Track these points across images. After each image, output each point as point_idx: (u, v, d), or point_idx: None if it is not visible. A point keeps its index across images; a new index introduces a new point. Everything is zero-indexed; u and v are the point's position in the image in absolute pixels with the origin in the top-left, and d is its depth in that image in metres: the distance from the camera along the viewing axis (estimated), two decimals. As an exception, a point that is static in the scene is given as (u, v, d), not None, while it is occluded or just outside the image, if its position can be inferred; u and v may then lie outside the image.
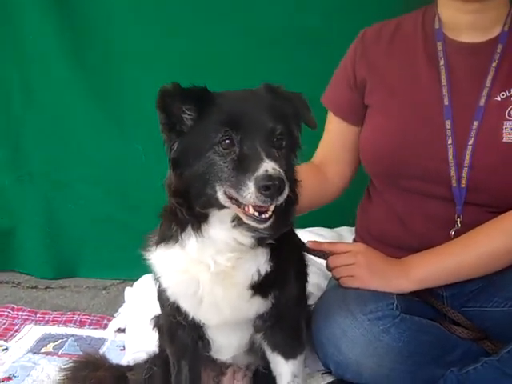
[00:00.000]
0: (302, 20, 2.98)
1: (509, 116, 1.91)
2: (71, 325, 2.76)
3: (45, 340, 2.61)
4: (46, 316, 2.86)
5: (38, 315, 2.87)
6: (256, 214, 1.46)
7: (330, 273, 2.05)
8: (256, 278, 1.64)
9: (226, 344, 1.86)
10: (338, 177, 2.30)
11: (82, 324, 2.78)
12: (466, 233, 1.95)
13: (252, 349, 1.88)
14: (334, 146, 2.28)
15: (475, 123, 1.93)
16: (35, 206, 3.41)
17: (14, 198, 3.43)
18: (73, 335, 2.65)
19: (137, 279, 2.85)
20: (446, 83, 1.98)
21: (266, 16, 3.03)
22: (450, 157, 1.94)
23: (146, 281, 2.69)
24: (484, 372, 1.85)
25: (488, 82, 1.94)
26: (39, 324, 2.78)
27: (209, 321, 1.75)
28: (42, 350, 2.52)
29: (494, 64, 1.95)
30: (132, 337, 2.47)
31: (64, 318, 2.82)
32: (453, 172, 1.94)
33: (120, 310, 2.84)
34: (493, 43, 1.97)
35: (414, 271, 1.94)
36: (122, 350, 2.50)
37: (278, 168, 1.42)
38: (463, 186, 1.94)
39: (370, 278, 1.92)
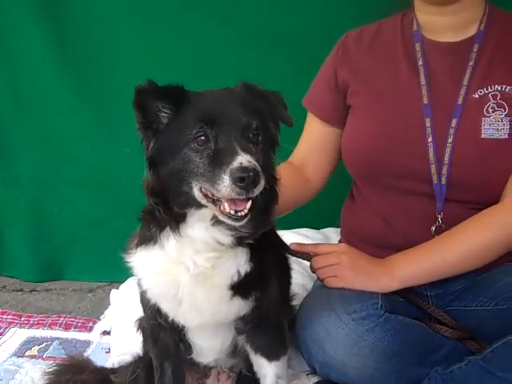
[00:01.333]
0: (300, 21, 2.98)
1: (487, 113, 1.94)
2: (56, 328, 2.74)
3: (29, 343, 2.58)
4: (31, 319, 2.83)
5: (22, 318, 2.84)
6: (232, 212, 1.47)
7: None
8: (236, 278, 1.64)
9: (208, 347, 1.86)
10: (317, 177, 2.31)
11: (67, 327, 2.75)
12: (446, 230, 1.96)
13: (235, 351, 1.88)
14: (313, 147, 2.30)
15: (454, 121, 1.95)
16: (21, 209, 3.39)
17: (1, 201, 3.41)
18: (58, 338, 2.63)
19: (123, 281, 2.83)
20: (424, 82, 2.01)
21: (262, 17, 3.02)
22: (431, 154, 1.96)
23: (132, 283, 2.66)
24: (468, 371, 1.85)
25: (465, 81, 1.97)
26: (24, 327, 2.75)
27: (189, 323, 1.75)
28: (27, 354, 2.50)
29: (471, 63, 1.98)
30: (117, 339, 2.46)
31: (49, 321, 2.80)
32: (433, 169, 1.96)
33: (106, 312, 2.82)
34: (469, 42, 2.00)
35: (397, 270, 1.94)
36: (107, 352, 2.48)
37: (252, 161, 1.43)
38: (443, 183, 1.97)
39: (353, 278, 1.92)
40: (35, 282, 3.39)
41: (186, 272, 1.63)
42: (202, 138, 1.50)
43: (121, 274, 2.63)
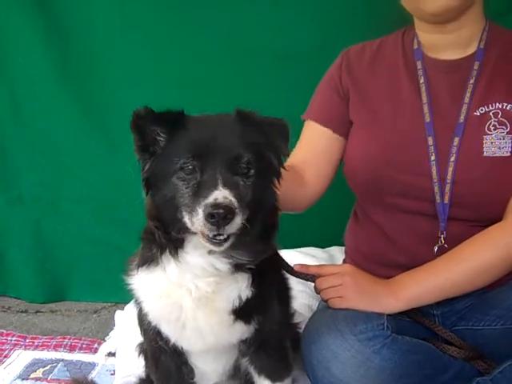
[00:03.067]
0: (300, 38, 2.99)
1: (488, 131, 1.93)
2: (61, 349, 2.73)
3: (34, 365, 2.58)
4: (36, 341, 2.82)
5: (27, 340, 2.84)
6: (210, 235, 1.45)
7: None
8: (237, 303, 1.64)
9: (210, 370, 1.85)
10: (316, 180, 2.22)
11: (72, 348, 2.74)
12: (449, 249, 1.94)
13: (237, 373, 1.87)
14: (313, 151, 2.23)
15: (456, 139, 1.95)
16: (25, 229, 3.39)
17: (3, 221, 3.40)
18: (63, 360, 2.62)
19: (128, 302, 2.81)
20: (426, 101, 2.01)
21: (262, 34, 3.04)
22: (434, 173, 1.96)
23: (136, 304, 2.66)
24: (477, 392, 1.83)
25: (466, 99, 1.97)
26: (29, 349, 2.75)
27: (191, 346, 1.74)
28: (31, 376, 2.49)
29: (471, 81, 1.97)
30: (122, 361, 2.44)
31: (54, 343, 2.79)
32: (436, 188, 1.95)
33: (111, 333, 2.81)
34: (470, 60, 2.00)
35: (402, 291, 1.92)
36: (112, 374, 2.47)
37: (230, 197, 1.42)
38: (446, 202, 1.95)
39: (358, 299, 1.90)
40: (40, 303, 3.37)
41: (189, 295, 1.62)
42: (190, 167, 1.50)
43: (126, 294, 2.63)
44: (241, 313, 1.65)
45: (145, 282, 1.68)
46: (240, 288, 1.63)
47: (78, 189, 3.32)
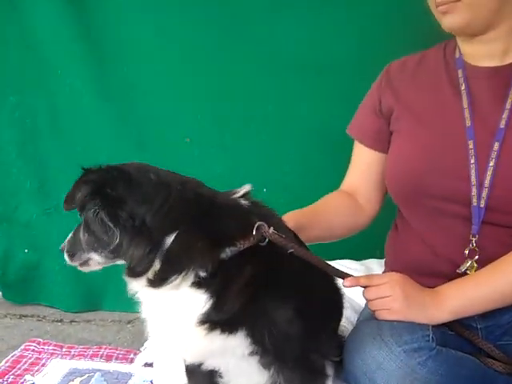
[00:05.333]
0: (338, 50, 3.01)
1: None
2: (97, 359, 2.74)
3: (71, 375, 2.58)
4: (72, 350, 2.84)
5: (63, 349, 2.85)
6: None
7: (358, 306, 2.02)
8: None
9: None
10: (369, 203, 2.31)
11: (108, 358, 2.76)
12: (480, 253, 1.93)
13: None
14: (361, 173, 2.30)
15: (496, 144, 1.92)
16: (61, 239, 3.38)
17: (40, 230, 3.45)
18: (99, 370, 2.62)
19: (162, 312, 2.82)
20: (467, 106, 1.99)
21: (299, 45, 3.07)
22: (473, 176, 1.94)
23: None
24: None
25: (508, 105, 1.95)
26: (65, 358, 2.76)
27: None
28: (69, 385, 2.50)
29: None
30: (160, 371, 2.44)
31: (90, 352, 2.81)
32: (474, 191, 1.93)
33: (146, 344, 2.81)
34: (510, 68, 1.98)
35: (448, 301, 1.89)
36: (149, 384, 2.48)
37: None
38: (482, 206, 1.93)
39: (406, 311, 1.87)
40: (74, 312, 3.40)
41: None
42: None
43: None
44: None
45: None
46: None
47: (114, 201, 3.34)
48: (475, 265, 1.95)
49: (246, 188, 1.75)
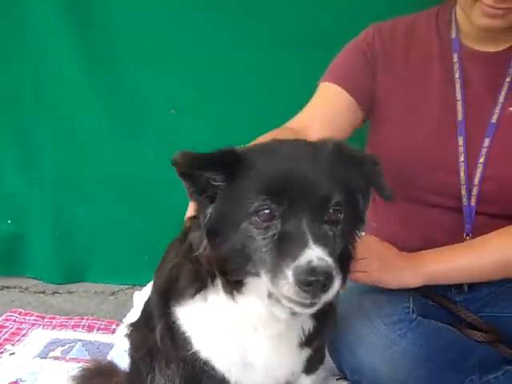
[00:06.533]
0: (314, 20, 2.96)
1: None
2: (79, 329, 2.73)
3: (52, 345, 2.57)
4: (54, 321, 2.82)
5: (45, 320, 2.83)
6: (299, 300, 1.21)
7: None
8: (303, 335, 1.48)
9: None
10: None
11: (90, 329, 2.74)
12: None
13: None
14: (326, 118, 2.06)
15: (486, 140, 1.92)
16: (45, 210, 3.39)
17: (23, 201, 3.40)
18: (81, 340, 2.61)
19: (145, 285, 2.80)
20: (460, 98, 1.96)
21: (276, 16, 3.02)
22: (462, 174, 1.93)
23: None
24: (505, 381, 1.82)
25: (501, 99, 1.93)
26: (47, 329, 2.74)
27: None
28: (50, 355, 2.48)
29: (508, 79, 1.93)
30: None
31: (72, 323, 2.79)
32: (464, 190, 1.93)
33: (128, 315, 2.80)
34: (508, 54, 1.94)
35: (423, 267, 1.90)
36: (130, 354, 2.46)
37: (326, 257, 1.16)
38: (473, 204, 1.94)
39: (381, 274, 1.87)
40: (57, 283, 3.37)
41: (253, 336, 1.44)
42: (266, 211, 1.24)
43: (143, 276, 2.64)
44: (306, 342, 1.50)
45: (197, 315, 1.46)
46: (303, 321, 1.46)
47: (99, 171, 3.31)
48: None
49: None
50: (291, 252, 1.16)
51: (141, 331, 1.78)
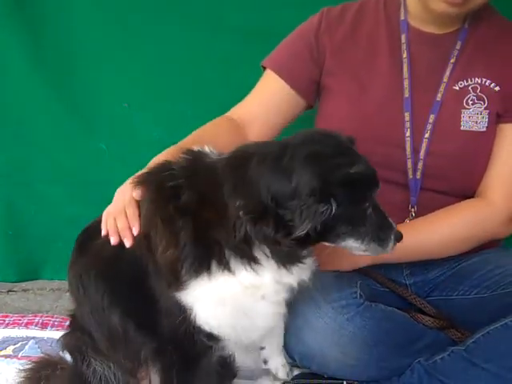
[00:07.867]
0: (271, 9, 2.95)
1: (466, 105, 1.93)
2: (32, 327, 2.67)
3: (4, 343, 2.52)
4: (7, 319, 2.76)
5: (-2, 318, 2.79)
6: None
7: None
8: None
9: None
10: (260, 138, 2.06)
11: (43, 326, 2.69)
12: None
13: None
14: (267, 108, 2.11)
15: (432, 116, 1.95)
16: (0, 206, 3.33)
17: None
18: (34, 337, 2.57)
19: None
20: (407, 76, 1.98)
21: (229, 8, 3.00)
22: (408, 148, 1.96)
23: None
24: (451, 362, 1.84)
25: (445, 78, 1.96)
26: (-1, 327, 2.70)
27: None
28: (1, 354, 2.43)
29: (452, 60, 1.96)
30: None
31: (25, 321, 2.73)
32: (409, 164, 1.96)
33: (84, 311, 2.77)
34: (453, 36, 1.97)
35: None
36: (84, 351, 2.43)
37: None
38: (418, 177, 1.96)
39: (332, 261, 1.86)
40: (12, 282, 3.31)
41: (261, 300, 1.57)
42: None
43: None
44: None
45: (210, 295, 1.52)
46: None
47: (51, 168, 3.24)
48: None
49: None
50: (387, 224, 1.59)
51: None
